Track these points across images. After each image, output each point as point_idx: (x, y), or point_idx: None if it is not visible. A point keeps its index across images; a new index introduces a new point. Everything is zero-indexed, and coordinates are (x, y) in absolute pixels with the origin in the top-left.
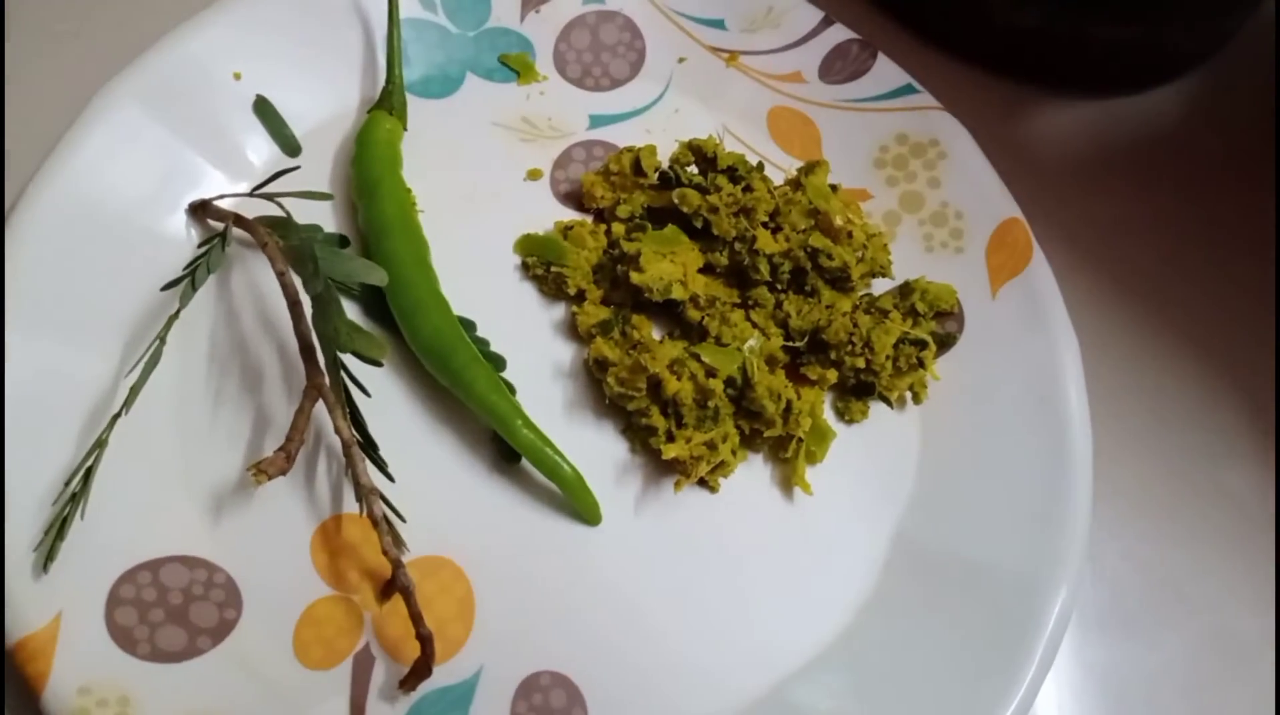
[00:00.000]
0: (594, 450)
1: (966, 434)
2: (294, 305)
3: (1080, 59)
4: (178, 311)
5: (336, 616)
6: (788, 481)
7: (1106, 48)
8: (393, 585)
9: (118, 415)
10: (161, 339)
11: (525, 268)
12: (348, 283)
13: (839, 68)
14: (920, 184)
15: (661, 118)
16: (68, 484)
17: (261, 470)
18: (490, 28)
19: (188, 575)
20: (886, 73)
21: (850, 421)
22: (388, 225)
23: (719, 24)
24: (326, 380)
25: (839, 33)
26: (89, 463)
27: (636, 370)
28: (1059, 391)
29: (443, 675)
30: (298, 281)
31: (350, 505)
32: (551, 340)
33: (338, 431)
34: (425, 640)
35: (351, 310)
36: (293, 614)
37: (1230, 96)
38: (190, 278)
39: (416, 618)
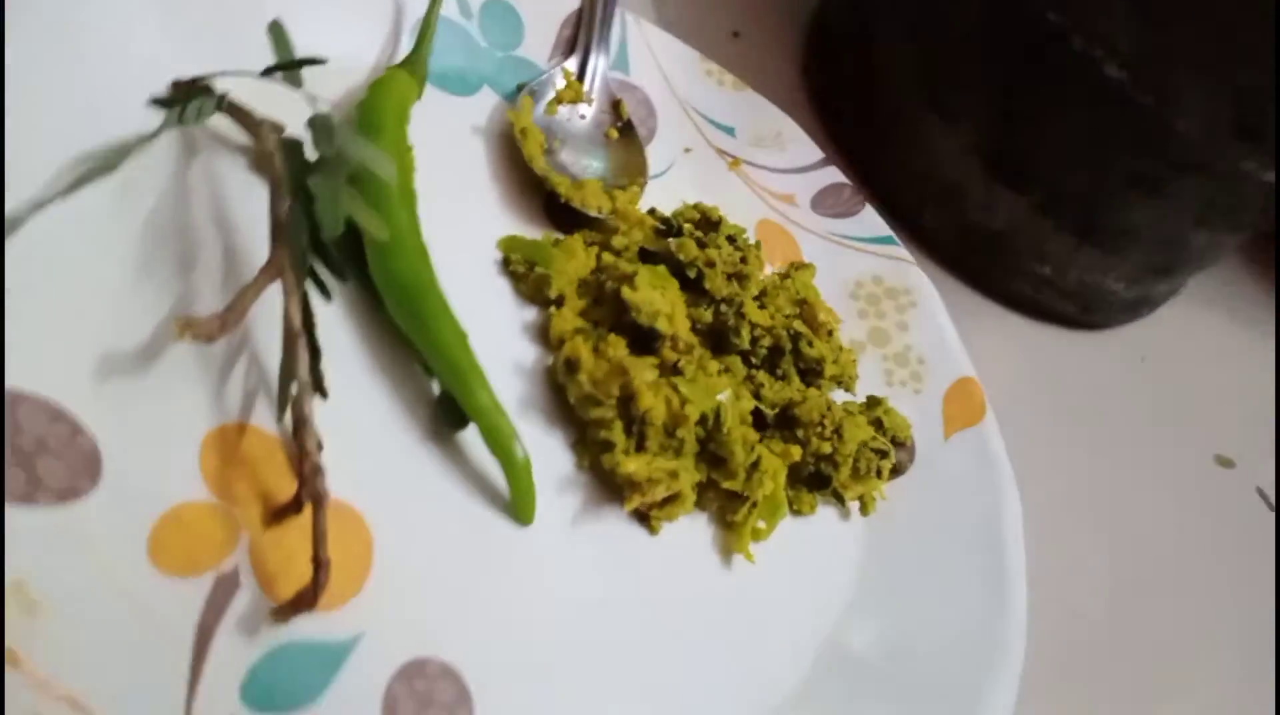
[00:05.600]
0: (539, 456)
1: (907, 562)
2: (276, 184)
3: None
4: (150, 137)
5: (208, 525)
6: (728, 549)
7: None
8: (301, 494)
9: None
10: (109, 167)
11: (506, 263)
12: (351, 160)
13: (830, 203)
14: (889, 323)
15: (661, 191)
16: None
17: (189, 325)
18: (517, 55)
19: (46, 425)
20: (871, 221)
21: (797, 512)
22: None
23: (729, 130)
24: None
25: (833, 174)
26: None
27: (613, 376)
28: (1000, 537)
29: (315, 628)
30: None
31: (260, 418)
32: (516, 339)
33: (287, 320)
34: (321, 565)
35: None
36: (158, 507)
37: (1170, 343)
38: (179, 116)
39: (319, 536)
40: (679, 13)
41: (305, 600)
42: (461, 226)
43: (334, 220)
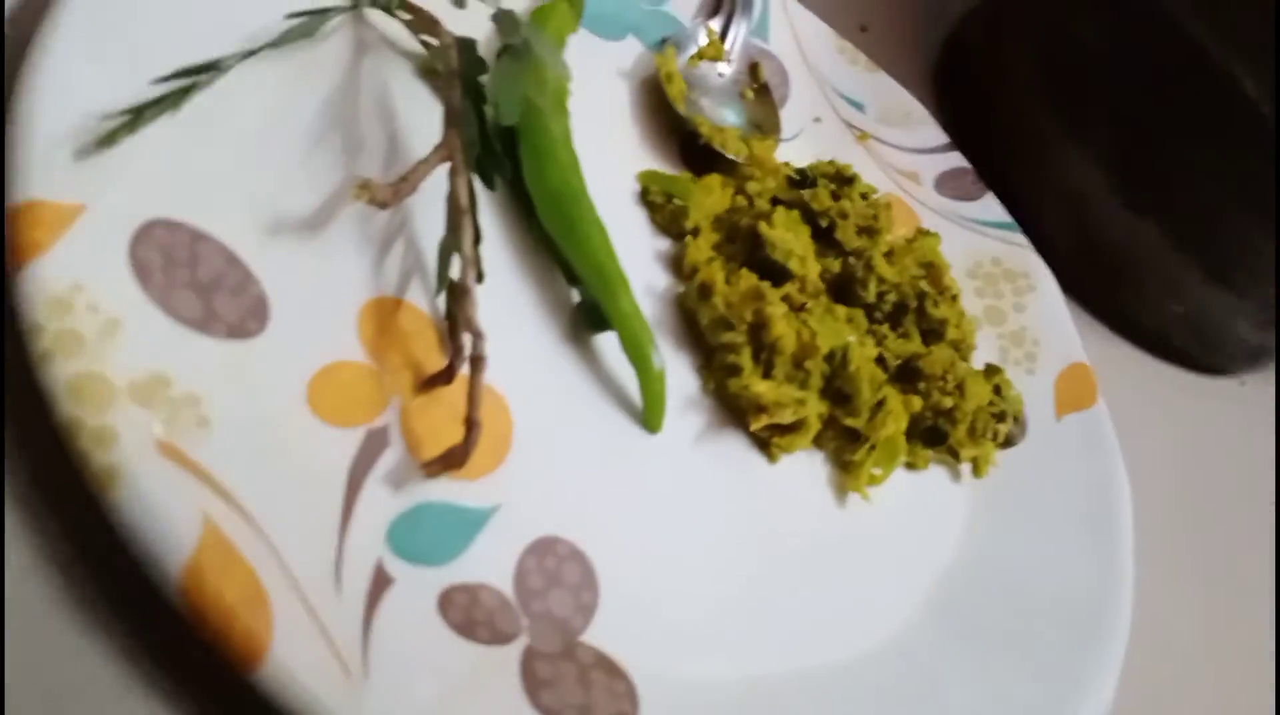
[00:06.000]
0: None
1: (1014, 530)
2: (451, 73)
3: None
4: (346, 9)
5: (363, 384)
6: (843, 488)
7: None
8: (455, 364)
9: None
10: (309, 31)
11: (645, 194)
12: (533, 51)
13: (952, 186)
14: (1006, 303)
15: (791, 154)
16: (171, 79)
17: (366, 188)
18: (664, 10)
19: (223, 267)
20: (993, 207)
21: (910, 466)
22: (543, 80)
23: (859, 106)
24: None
25: (958, 159)
26: (200, 80)
27: (746, 301)
28: (1110, 516)
29: (457, 492)
30: None
31: (414, 296)
32: (649, 266)
33: (454, 198)
34: (474, 426)
35: None
36: (318, 360)
37: None
38: None
39: (476, 397)
40: (810, 3)
41: (456, 458)
42: (601, 157)
43: (511, 103)
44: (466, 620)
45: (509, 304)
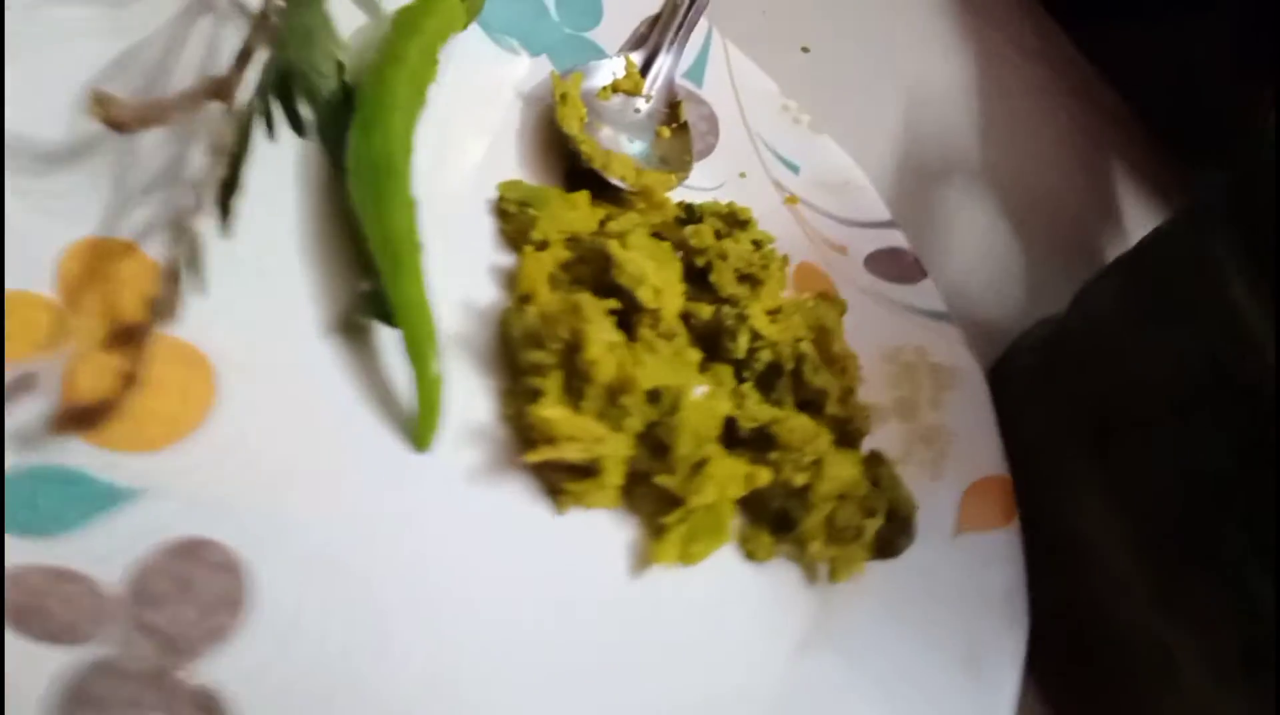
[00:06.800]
0: (460, 397)
1: (866, 661)
2: (266, 13)
3: None
4: None
5: (33, 321)
6: (646, 558)
7: None
8: (152, 318)
9: None
10: None
11: (499, 202)
12: None
13: (886, 266)
14: (923, 398)
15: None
16: None
17: (103, 102)
18: (586, 38)
19: None
20: (928, 295)
21: (750, 555)
22: (402, 57)
23: (794, 168)
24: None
25: (897, 238)
26: None
27: (564, 316)
28: (996, 669)
29: (99, 462)
30: None
31: (149, 247)
32: (480, 278)
33: (217, 136)
34: (128, 381)
35: None
36: None
37: None
38: None
39: (140, 347)
40: None
41: (88, 416)
42: (467, 163)
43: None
44: (27, 607)
45: (276, 274)
